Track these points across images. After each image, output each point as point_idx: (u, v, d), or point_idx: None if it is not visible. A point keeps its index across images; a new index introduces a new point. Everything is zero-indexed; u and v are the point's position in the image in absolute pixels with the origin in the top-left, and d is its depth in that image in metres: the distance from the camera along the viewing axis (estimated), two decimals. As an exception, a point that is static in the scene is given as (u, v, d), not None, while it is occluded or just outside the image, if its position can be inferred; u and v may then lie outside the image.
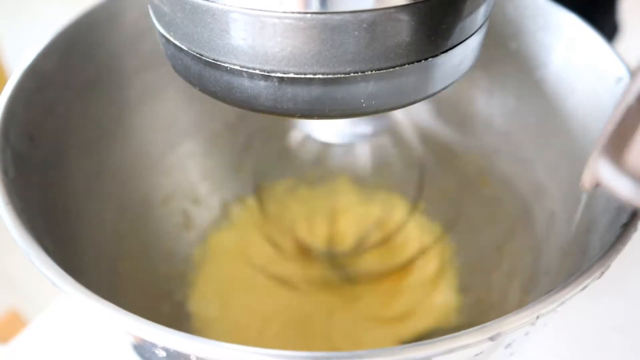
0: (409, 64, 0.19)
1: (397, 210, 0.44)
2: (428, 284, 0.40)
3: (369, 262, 0.42)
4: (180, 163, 0.41)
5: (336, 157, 0.42)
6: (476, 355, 0.20)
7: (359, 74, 0.19)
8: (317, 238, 0.43)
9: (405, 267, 0.41)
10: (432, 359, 0.18)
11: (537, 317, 0.19)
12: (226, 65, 0.20)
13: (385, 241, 0.42)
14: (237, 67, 0.20)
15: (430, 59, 0.20)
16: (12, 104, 0.27)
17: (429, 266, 0.41)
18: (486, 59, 0.38)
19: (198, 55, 0.20)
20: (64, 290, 0.20)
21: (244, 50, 0.19)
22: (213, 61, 0.20)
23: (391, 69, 0.19)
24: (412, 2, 0.18)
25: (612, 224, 0.24)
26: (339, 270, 0.41)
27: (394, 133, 0.39)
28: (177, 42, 0.21)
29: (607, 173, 0.15)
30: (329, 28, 0.18)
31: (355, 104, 0.20)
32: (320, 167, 0.42)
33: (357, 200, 0.45)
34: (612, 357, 0.35)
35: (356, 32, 0.18)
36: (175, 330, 0.18)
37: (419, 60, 0.19)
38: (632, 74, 0.18)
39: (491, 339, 0.18)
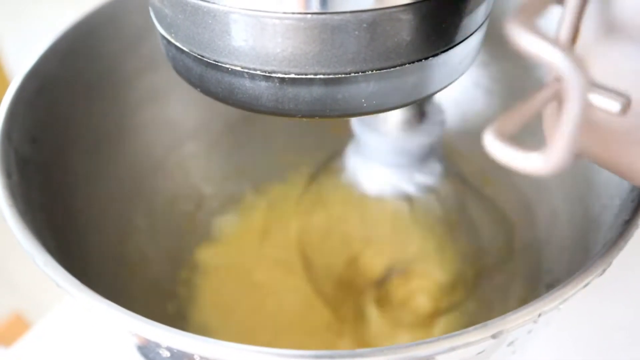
0: (409, 63, 0.19)
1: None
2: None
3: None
4: (183, 164, 0.41)
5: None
6: (478, 353, 0.20)
7: (360, 73, 0.19)
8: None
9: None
10: (434, 357, 0.18)
11: (540, 315, 0.19)
12: (227, 66, 0.20)
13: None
14: (239, 68, 0.20)
15: (430, 58, 0.20)
16: (14, 106, 0.27)
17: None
18: (487, 57, 0.38)
19: (199, 56, 0.20)
20: (69, 292, 0.20)
21: (245, 51, 0.19)
22: (214, 62, 0.20)
23: (392, 69, 0.19)
24: (413, 1, 0.18)
25: (614, 221, 0.24)
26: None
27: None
28: (178, 44, 0.21)
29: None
30: (330, 28, 0.18)
31: (356, 103, 0.20)
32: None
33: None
34: (614, 355, 0.35)
35: (356, 32, 0.18)
36: (179, 330, 0.18)
37: (420, 60, 0.20)
38: None
39: (493, 337, 0.18)
